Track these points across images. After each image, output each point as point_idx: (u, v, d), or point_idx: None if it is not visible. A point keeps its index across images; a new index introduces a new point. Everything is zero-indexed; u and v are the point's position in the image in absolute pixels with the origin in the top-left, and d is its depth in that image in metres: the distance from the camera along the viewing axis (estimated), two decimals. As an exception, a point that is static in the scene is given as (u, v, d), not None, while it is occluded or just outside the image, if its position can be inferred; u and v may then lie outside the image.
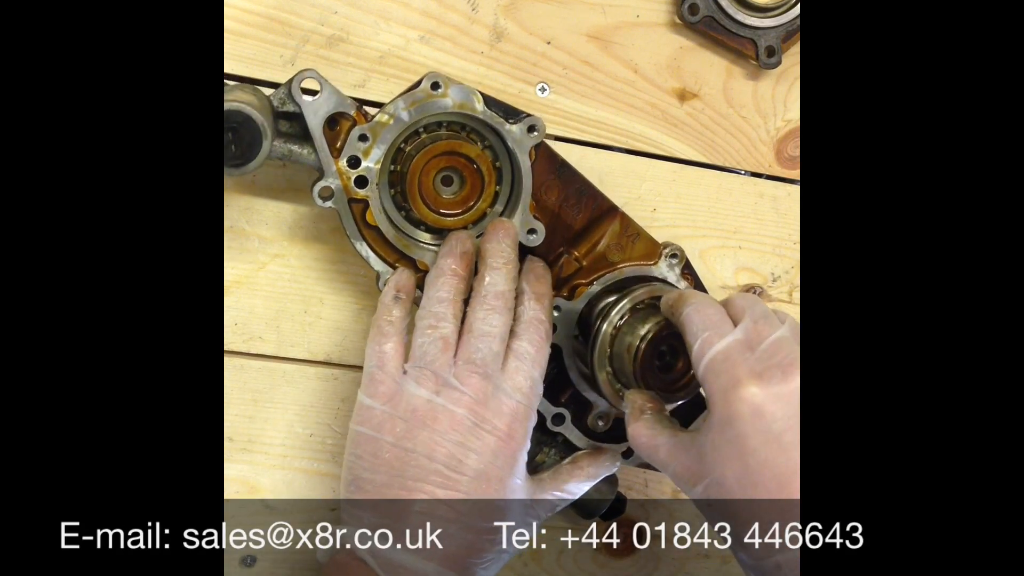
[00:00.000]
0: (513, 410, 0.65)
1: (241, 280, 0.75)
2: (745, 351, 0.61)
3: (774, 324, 0.62)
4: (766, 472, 0.58)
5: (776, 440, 0.58)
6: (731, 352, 0.61)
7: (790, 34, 0.78)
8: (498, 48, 0.76)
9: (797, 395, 0.59)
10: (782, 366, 0.60)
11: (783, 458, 0.58)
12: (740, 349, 0.61)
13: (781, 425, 0.59)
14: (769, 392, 0.59)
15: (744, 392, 0.59)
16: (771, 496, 0.58)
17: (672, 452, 0.64)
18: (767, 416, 0.59)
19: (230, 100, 0.63)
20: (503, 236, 0.69)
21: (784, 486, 0.58)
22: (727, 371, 0.60)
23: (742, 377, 0.60)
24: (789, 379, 0.59)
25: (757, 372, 0.60)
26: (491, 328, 0.65)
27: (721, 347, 0.61)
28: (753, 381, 0.60)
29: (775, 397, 0.59)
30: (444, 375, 0.65)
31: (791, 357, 0.60)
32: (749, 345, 0.61)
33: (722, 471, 0.60)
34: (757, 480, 0.59)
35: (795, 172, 0.83)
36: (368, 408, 0.65)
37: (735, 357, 0.61)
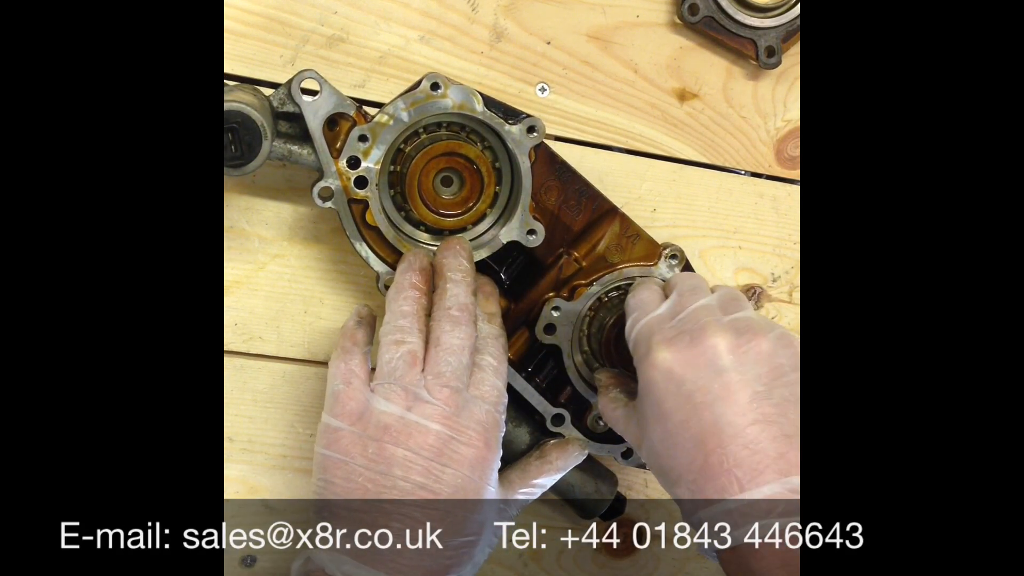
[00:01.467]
0: (485, 420, 0.65)
1: (241, 280, 0.75)
2: (665, 322, 0.64)
3: (700, 295, 0.65)
4: (683, 433, 0.61)
5: (688, 401, 0.61)
6: (651, 324, 0.65)
7: (790, 34, 0.78)
8: (498, 48, 0.76)
9: (709, 355, 0.61)
10: (692, 331, 0.62)
11: (696, 419, 0.60)
12: (660, 321, 0.65)
13: (691, 386, 0.61)
14: (678, 356, 0.62)
15: (655, 358, 0.63)
16: (689, 455, 0.60)
17: (626, 421, 0.68)
18: (676, 379, 0.61)
19: (230, 100, 0.63)
20: (459, 250, 0.69)
21: (699, 445, 0.60)
22: (644, 341, 0.64)
23: (654, 344, 0.63)
24: (697, 342, 0.62)
25: (669, 338, 0.63)
26: (458, 341, 0.65)
27: (645, 321, 0.65)
28: (664, 347, 0.63)
29: (684, 361, 0.62)
30: (415, 390, 0.63)
31: (703, 322, 0.62)
32: (672, 315, 0.65)
33: (650, 435, 0.63)
34: (677, 440, 0.61)
35: (795, 172, 0.83)
36: (335, 430, 0.64)
37: (653, 328, 0.64)
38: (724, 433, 0.59)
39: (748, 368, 0.61)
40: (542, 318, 0.73)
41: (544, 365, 0.75)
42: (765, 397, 0.60)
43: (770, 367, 0.61)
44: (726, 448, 0.59)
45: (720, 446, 0.59)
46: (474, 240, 0.72)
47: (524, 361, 0.74)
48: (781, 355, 0.62)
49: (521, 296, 0.74)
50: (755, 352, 0.61)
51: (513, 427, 0.74)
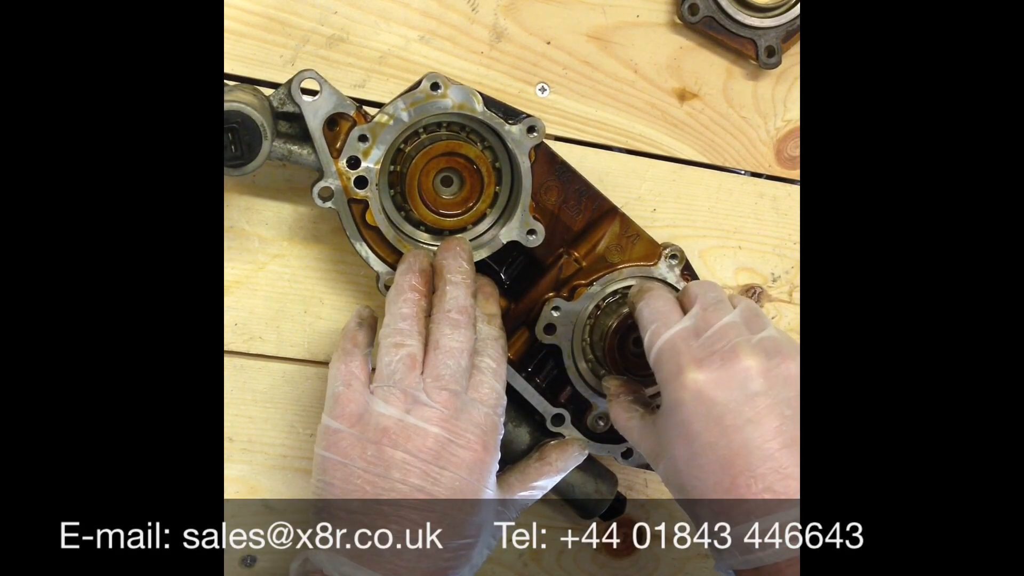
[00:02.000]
0: (484, 423, 0.65)
1: (241, 280, 0.75)
2: (691, 339, 0.63)
3: (724, 310, 0.64)
4: (710, 454, 0.60)
5: (717, 423, 0.60)
6: (676, 341, 0.64)
7: (790, 34, 0.78)
8: (498, 48, 0.76)
9: (740, 378, 0.61)
10: (723, 352, 0.62)
11: (724, 441, 0.60)
12: (686, 337, 0.64)
13: (721, 409, 0.60)
14: (710, 377, 0.61)
15: (686, 379, 0.62)
16: (715, 476, 0.60)
17: (641, 433, 0.67)
18: (707, 401, 0.61)
19: (230, 100, 0.63)
20: (459, 251, 0.69)
21: (727, 468, 0.60)
22: (672, 359, 0.63)
23: (684, 364, 0.62)
24: (729, 364, 0.61)
25: (699, 359, 0.62)
26: (458, 344, 0.65)
27: (667, 336, 0.64)
28: (694, 367, 0.62)
29: (716, 382, 0.61)
30: (414, 392, 0.63)
31: (734, 342, 0.62)
32: (696, 332, 0.64)
33: (672, 452, 0.63)
34: (702, 462, 0.61)
35: (795, 172, 0.83)
36: (335, 432, 0.64)
37: (680, 345, 0.63)
38: (753, 456, 0.59)
39: (779, 391, 0.61)
40: (542, 318, 0.73)
41: (544, 365, 0.75)
42: (793, 421, 0.60)
43: (797, 391, 0.61)
44: (755, 472, 0.59)
45: (749, 469, 0.59)
46: (474, 240, 0.72)
47: (524, 361, 0.74)
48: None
49: (521, 296, 0.74)
50: (784, 375, 0.61)
51: (513, 427, 0.74)
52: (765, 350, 0.62)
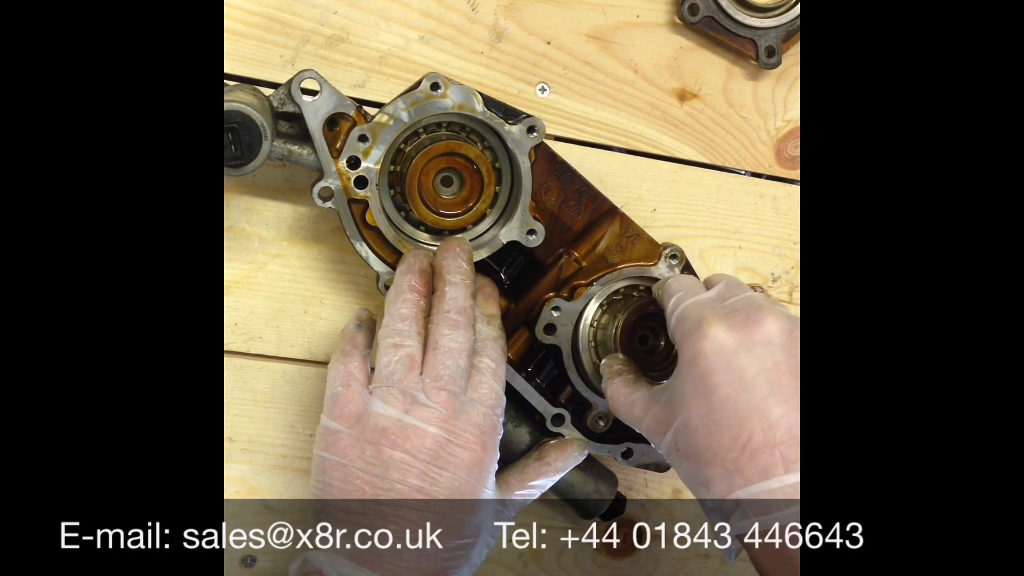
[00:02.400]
0: (482, 423, 0.65)
1: (241, 280, 0.75)
2: (715, 303, 0.64)
3: (744, 288, 0.65)
4: (728, 409, 0.60)
5: (738, 376, 0.60)
6: (701, 303, 0.64)
7: (790, 34, 0.78)
8: (498, 48, 0.76)
9: (763, 335, 0.61)
10: (748, 311, 0.62)
11: (745, 396, 0.59)
12: (710, 302, 0.64)
13: (743, 361, 0.60)
14: (732, 331, 0.61)
15: (708, 330, 0.62)
16: (733, 431, 0.59)
17: (647, 405, 0.66)
18: (728, 352, 0.61)
19: (230, 100, 0.63)
20: (459, 252, 0.69)
21: (745, 421, 0.59)
22: (694, 316, 0.63)
23: (708, 318, 0.62)
24: (755, 324, 0.61)
25: (722, 315, 0.62)
26: (457, 344, 0.65)
27: (692, 301, 0.64)
28: (717, 322, 0.62)
29: (739, 338, 0.61)
30: (412, 393, 0.64)
31: (758, 306, 0.62)
32: (721, 300, 0.64)
33: (688, 412, 0.62)
34: (719, 416, 0.60)
35: (795, 172, 0.83)
36: (333, 432, 0.64)
37: (704, 305, 0.64)
38: (771, 414, 0.59)
39: (795, 355, 0.61)
40: (542, 318, 0.73)
41: (544, 365, 0.75)
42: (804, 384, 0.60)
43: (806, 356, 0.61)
44: (773, 428, 0.58)
45: (767, 426, 0.58)
46: (474, 240, 0.72)
47: (524, 361, 0.74)
48: None
49: (521, 296, 0.74)
50: (798, 337, 0.61)
51: (513, 427, 0.74)
52: (787, 315, 0.62)
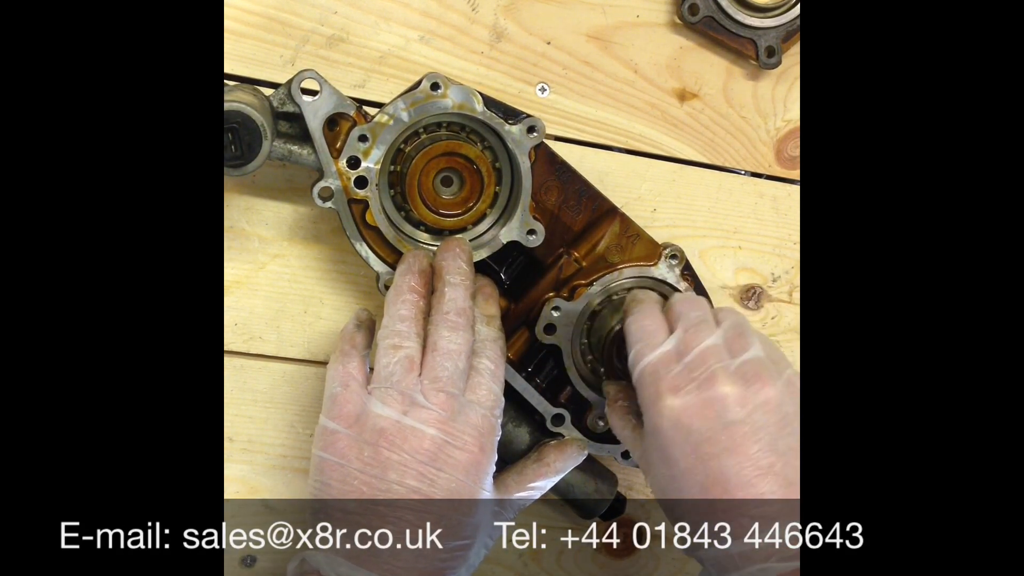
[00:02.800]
0: (481, 424, 0.65)
1: (241, 280, 0.75)
2: (672, 363, 0.63)
3: (706, 331, 0.64)
4: (689, 479, 0.61)
5: (694, 451, 0.61)
6: (657, 365, 0.64)
7: (790, 34, 0.78)
8: (498, 48, 0.76)
9: (717, 406, 0.61)
10: (700, 379, 0.62)
11: (701, 468, 0.60)
12: (667, 362, 0.63)
13: (697, 437, 0.61)
14: (686, 405, 0.61)
15: (663, 405, 0.62)
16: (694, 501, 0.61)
17: (632, 443, 0.68)
18: (684, 428, 0.61)
19: (230, 100, 0.63)
20: (459, 252, 0.69)
21: (706, 492, 0.60)
22: (652, 384, 0.63)
23: (662, 391, 0.62)
24: (706, 391, 0.61)
25: (676, 386, 0.62)
26: (455, 346, 0.65)
27: (650, 359, 0.64)
28: (671, 394, 0.62)
29: (692, 410, 0.61)
30: (411, 394, 0.64)
31: (712, 369, 0.62)
32: (678, 355, 0.64)
33: (655, 473, 0.64)
34: (681, 485, 0.62)
35: (795, 172, 0.83)
36: (332, 433, 0.64)
37: (660, 370, 0.63)
38: (730, 484, 0.59)
39: (756, 418, 0.61)
40: (542, 318, 0.73)
41: (544, 365, 0.75)
42: (771, 448, 0.60)
43: (778, 417, 0.61)
44: (732, 497, 0.59)
45: (726, 495, 0.59)
46: (474, 240, 0.72)
47: (524, 361, 0.74)
48: (788, 403, 0.62)
49: (521, 296, 0.74)
50: (763, 401, 0.61)
51: (513, 427, 0.74)
52: (744, 376, 0.62)
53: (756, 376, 0.62)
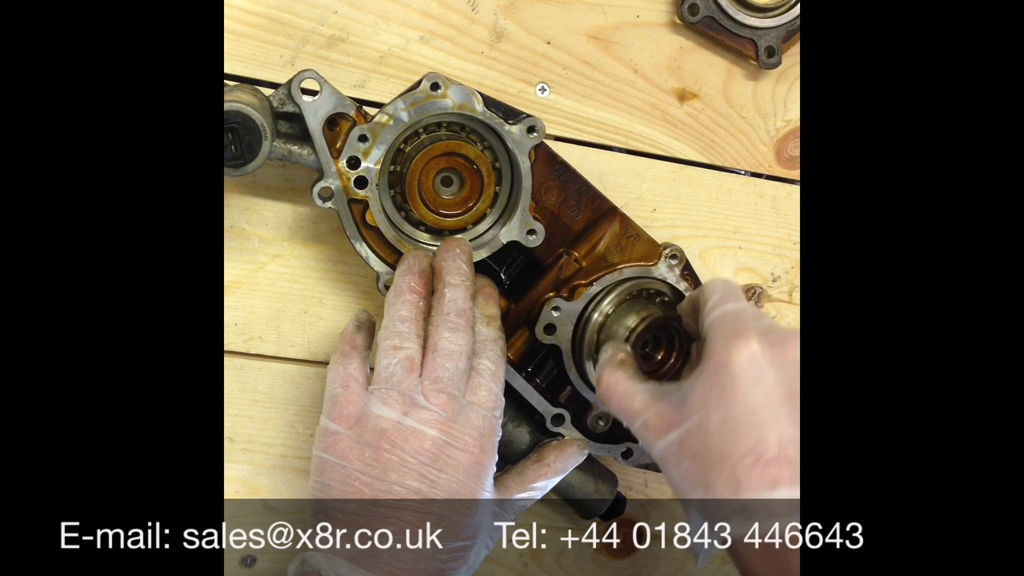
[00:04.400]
0: (481, 425, 0.65)
1: (241, 280, 0.75)
2: (753, 317, 0.63)
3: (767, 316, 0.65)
4: (750, 418, 0.59)
5: (766, 391, 0.59)
6: (742, 311, 0.63)
7: (790, 34, 0.78)
8: (498, 48, 0.76)
9: (793, 363, 0.60)
10: (786, 334, 0.61)
11: (768, 409, 0.59)
12: (749, 313, 0.63)
13: (773, 379, 0.59)
14: (770, 350, 0.60)
15: (748, 341, 0.61)
16: (749, 442, 0.58)
17: (649, 400, 0.64)
18: (762, 367, 0.60)
19: (230, 100, 0.63)
20: (459, 252, 0.69)
21: (763, 434, 0.58)
22: (736, 323, 0.62)
23: (750, 330, 0.61)
24: (788, 345, 0.60)
25: (763, 331, 0.61)
26: (456, 347, 0.65)
27: (734, 306, 0.63)
28: (758, 336, 0.61)
29: (774, 356, 0.60)
30: (412, 395, 0.64)
31: (791, 330, 0.62)
32: (757, 317, 0.63)
33: (707, 413, 0.60)
34: (739, 424, 0.59)
35: (795, 172, 0.83)
36: (333, 433, 0.64)
37: (745, 316, 0.62)
38: (788, 432, 0.58)
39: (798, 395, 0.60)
40: (542, 318, 0.73)
41: (544, 365, 0.75)
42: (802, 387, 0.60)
43: None
44: (787, 445, 0.58)
45: (782, 442, 0.58)
46: (474, 240, 0.72)
47: (524, 361, 0.74)
48: None
49: (521, 296, 0.74)
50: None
51: (513, 427, 0.74)
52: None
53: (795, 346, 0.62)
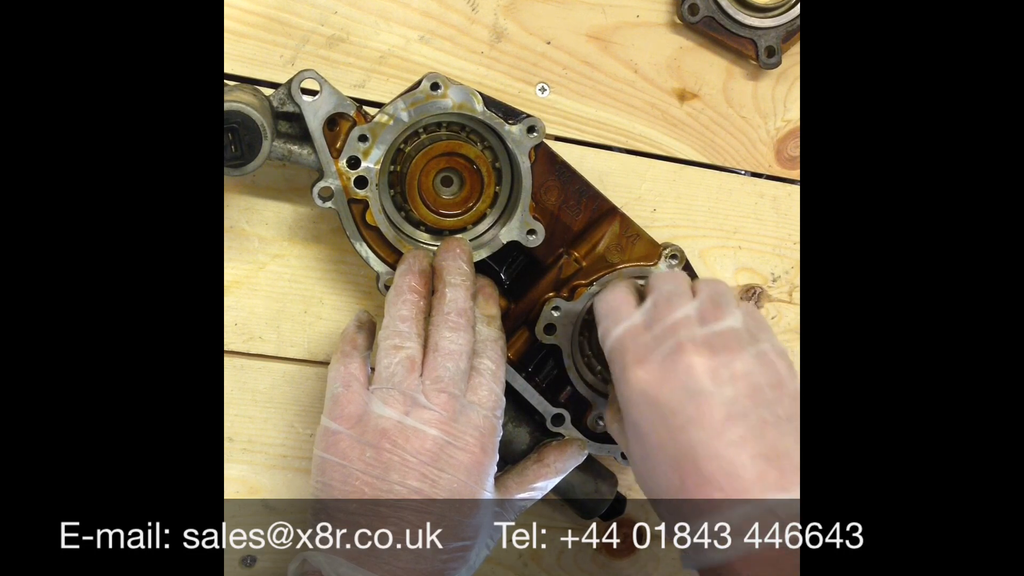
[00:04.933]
0: (482, 425, 0.65)
1: (241, 280, 0.75)
2: (640, 335, 0.62)
3: (678, 303, 0.63)
4: (659, 454, 0.60)
5: (663, 423, 0.60)
6: (624, 337, 0.63)
7: (790, 34, 0.78)
8: (498, 48, 0.76)
9: (683, 376, 0.60)
10: (667, 349, 0.61)
11: (671, 441, 0.59)
12: (634, 333, 0.63)
13: (665, 409, 0.60)
14: (652, 376, 0.60)
15: (630, 377, 0.61)
16: (666, 476, 0.59)
17: (619, 435, 0.68)
18: (651, 400, 0.60)
19: (230, 100, 0.63)
20: (459, 252, 0.69)
21: (675, 468, 0.59)
22: (619, 357, 0.62)
23: (629, 362, 0.62)
24: (671, 362, 0.60)
25: (641, 357, 0.61)
26: (457, 346, 0.65)
27: (616, 333, 0.63)
28: (637, 364, 0.61)
29: (658, 381, 0.60)
30: (413, 394, 0.64)
31: (679, 339, 0.60)
32: (647, 327, 0.63)
33: (632, 453, 0.63)
34: (653, 462, 0.60)
35: (795, 172, 0.83)
36: (334, 433, 0.64)
37: (627, 343, 0.62)
38: (699, 456, 0.58)
39: (724, 389, 0.59)
40: (542, 318, 0.73)
41: (544, 365, 0.75)
42: (741, 418, 0.59)
43: (747, 386, 0.59)
44: (702, 471, 0.58)
45: (696, 469, 0.58)
46: (474, 240, 0.72)
47: (524, 361, 0.74)
48: (758, 374, 0.60)
49: (521, 296, 0.74)
50: (730, 372, 0.60)
51: (513, 427, 0.74)
52: (712, 347, 0.60)
53: (724, 347, 0.60)
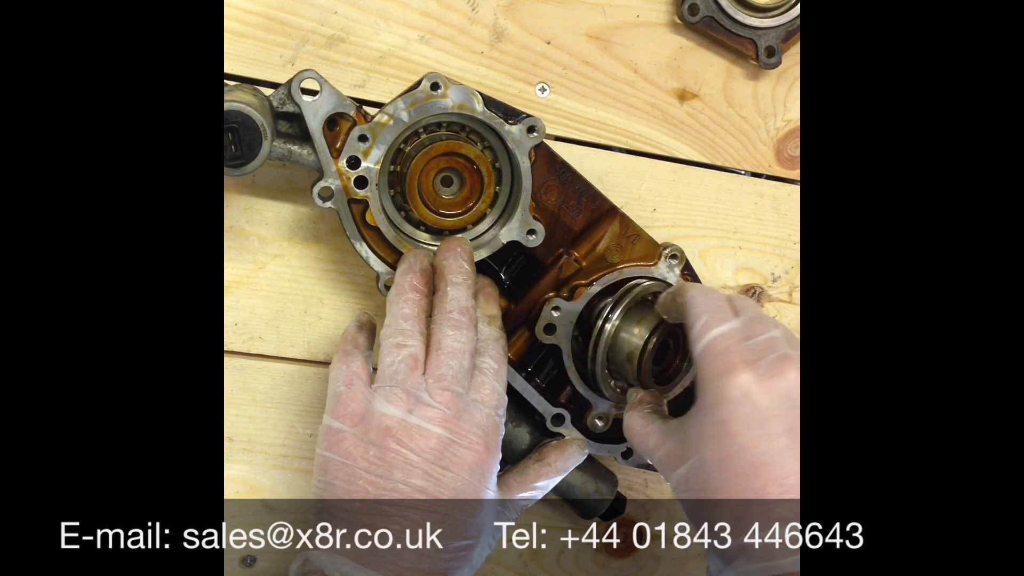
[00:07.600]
0: (485, 424, 0.65)
1: (241, 280, 0.75)
2: (741, 340, 0.62)
3: (769, 325, 0.63)
4: (745, 457, 0.59)
5: (760, 427, 0.59)
6: (728, 338, 0.62)
7: (790, 34, 0.78)
8: (498, 48, 0.76)
9: (790, 392, 0.60)
10: (775, 361, 0.61)
11: (763, 446, 0.59)
12: (737, 338, 0.62)
13: (767, 413, 0.59)
14: (760, 382, 0.60)
15: (737, 377, 0.60)
16: (747, 480, 0.59)
17: (661, 438, 0.66)
18: (754, 402, 0.60)
19: (230, 100, 0.63)
20: (460, 251, 0.69)
21: (759, 472, 0.59)
22: (722, 356, 0.62)
23: (736, 363, 0.61)
24: (783, 374, 0.60)
25: (751, 361, 0.61)
26: (459, 345, 0.65)
27: (720, 331, 0.62)
28: (746, 368, 0.61)
29: (766, 388, 0.60)
30: (416, 393, 0.63)
31: (785, 354, 0.61)
32: (746, 336, 0.62)
33: (703, 453, 0.61)
34: (735, 463, 0.60)
35: (795, 172, 0.83)
36: (337, 432, 0.64)
37: (731, 344, 0.62)
38: (786, 468, 0.58)
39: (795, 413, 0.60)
40: (542, 318, 0.73)
41: (544, 365, 0.75)
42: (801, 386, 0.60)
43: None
44: (785, 481, 0.58)
45: (780, 477, 0.58)
46: (474, 240, 0.72)
47: (524, 361, 0.74)
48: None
49: (521, 296, 0.74)
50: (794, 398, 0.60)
51: (513, 427, 0.74)
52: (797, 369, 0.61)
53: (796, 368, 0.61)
